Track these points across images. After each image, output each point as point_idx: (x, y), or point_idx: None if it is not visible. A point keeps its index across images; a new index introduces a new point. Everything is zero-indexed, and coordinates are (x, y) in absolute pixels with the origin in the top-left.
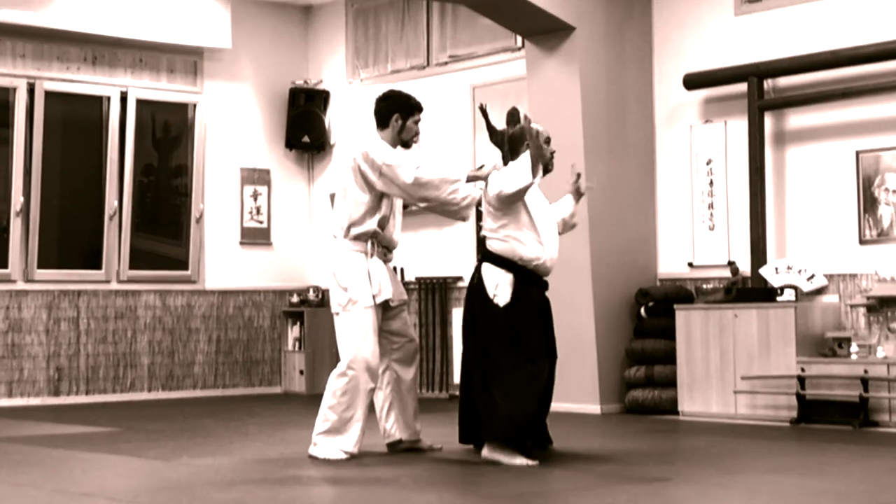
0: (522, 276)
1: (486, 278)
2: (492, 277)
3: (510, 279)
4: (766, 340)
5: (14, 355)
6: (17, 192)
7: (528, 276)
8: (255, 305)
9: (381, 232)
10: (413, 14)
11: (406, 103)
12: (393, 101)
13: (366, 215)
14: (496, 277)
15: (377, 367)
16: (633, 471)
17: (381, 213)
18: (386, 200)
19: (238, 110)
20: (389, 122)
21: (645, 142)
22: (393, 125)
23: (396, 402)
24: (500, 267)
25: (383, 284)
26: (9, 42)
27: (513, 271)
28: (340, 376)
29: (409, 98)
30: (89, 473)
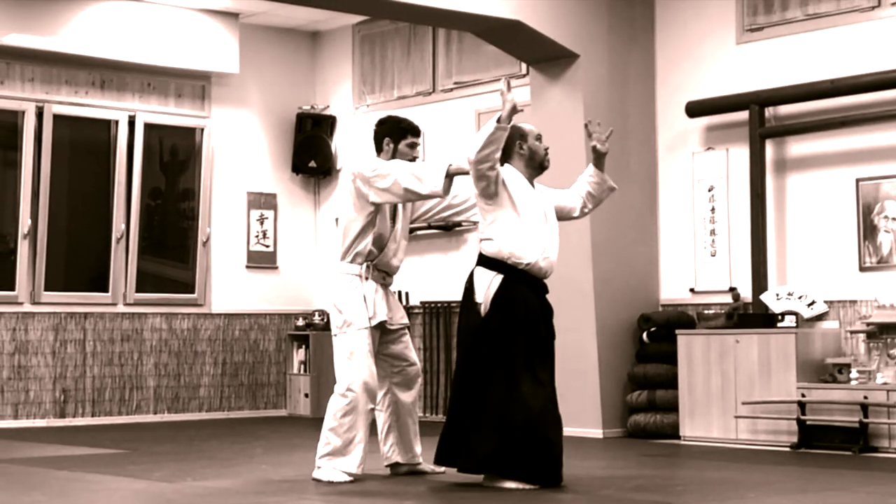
0: (514, 277)
1: (476, 282)
2: (482, 280)
3: (500, 280)
4: (766, 366)
5: (20, 377)
6: (25, 215)
7: (520, 277)
8: (260, 329)
9: (378, 254)
10: (419, 41)
11: (397, 127)
12: (385, 126)
13: (360, 236)
14: (485, 280)
15: (375, 387)
16: (634, 495)
17: (375, 232)
18: (382, 222)
19: (245, 135)
20: (382, 147)
21: (648, 168)
22: (385, 149)
23: (395, 425)
24: (491, 269)
25: (378, 306)
26: (18, 66)
27: (504, 272)
28: (340, 398)
29: (401, 121)
30: (95, 495)
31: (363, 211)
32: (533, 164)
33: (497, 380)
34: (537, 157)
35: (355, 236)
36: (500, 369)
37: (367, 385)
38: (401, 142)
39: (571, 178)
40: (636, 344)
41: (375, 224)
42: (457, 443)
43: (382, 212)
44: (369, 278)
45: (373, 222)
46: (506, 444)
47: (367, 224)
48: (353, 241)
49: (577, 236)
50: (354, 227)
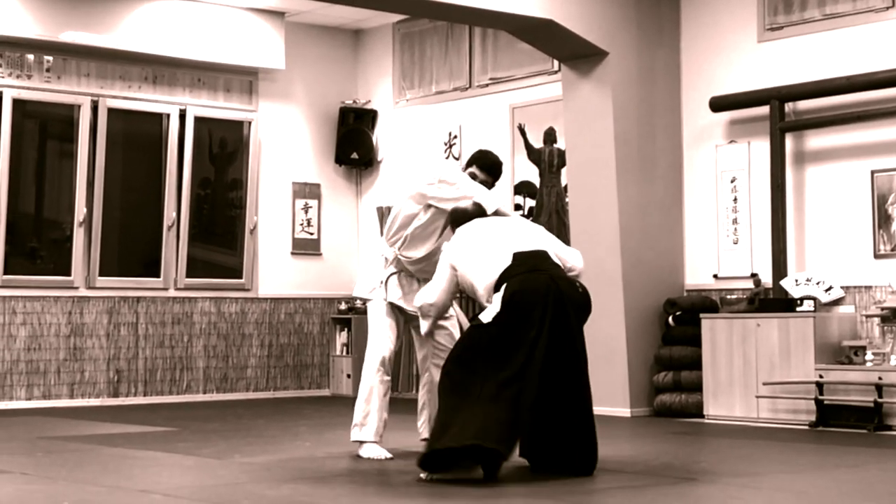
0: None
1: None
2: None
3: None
4: (786, 348)
5: (76, 358)
6: (81, 204)
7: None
8: (305, 312)
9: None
10: (456, 38)
11: (484, 161)
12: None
13: (402, 225)
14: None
15: (390, 359)
16: (660, 471)
17: (414, 230)
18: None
19: (291, 128)
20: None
21: (673, 160)
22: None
23: (429, 404)
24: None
25: (391, 288)
26: (74, 62)
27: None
28: (364, 369)
29: (486, 159)
30: (146, 471)
31: (418, 205)
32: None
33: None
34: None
35: (400, 224)
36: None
37: (382, 357)
38: (471, 167)
39: (600, 170)
40: (662, 327)
41: (417, 217)
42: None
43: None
44: (392, 264)
45: (417, 216)
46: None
47: (412, 215)
48: (398, 228)
49: (607, 225)
50: (402, 216)
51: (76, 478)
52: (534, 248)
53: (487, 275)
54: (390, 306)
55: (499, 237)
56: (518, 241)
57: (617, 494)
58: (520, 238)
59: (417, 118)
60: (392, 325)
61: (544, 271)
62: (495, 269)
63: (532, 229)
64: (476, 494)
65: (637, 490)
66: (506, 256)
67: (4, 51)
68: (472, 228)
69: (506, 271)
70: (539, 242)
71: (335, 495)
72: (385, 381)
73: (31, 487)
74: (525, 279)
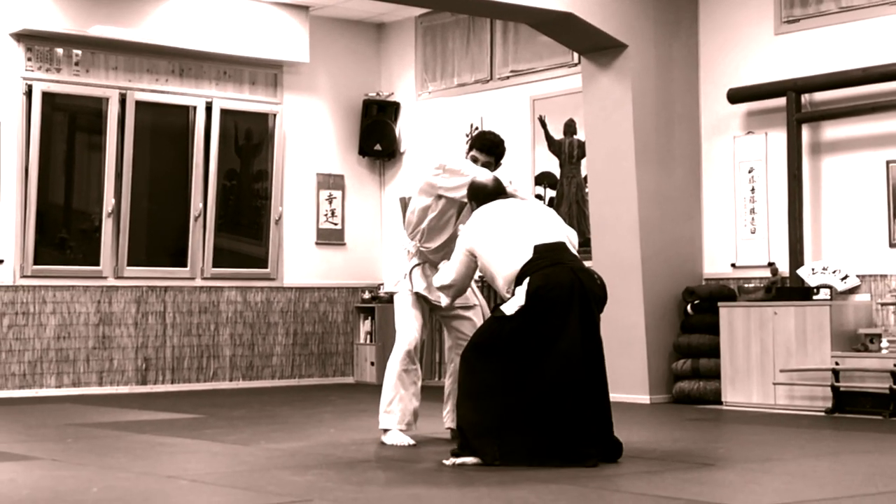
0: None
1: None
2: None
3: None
4: (803, 336)
5: (105, 346)
6: (109, 195)
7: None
8: (329, 301)
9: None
10: (477, 31)
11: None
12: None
13: (419, 219)
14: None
15: (416, 348)
16: (679, 456)
17: (429, 222)
18: (435, 212)
19: (315, 120)
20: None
21: (691, 151)
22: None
23: (454, 394)
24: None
25: (415, 279)
26: (102, 55)
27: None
28: (390, 359)
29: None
30: (174, 457)
31: (429, 197)
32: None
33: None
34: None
35: (417, 218)
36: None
37: (407, 347)
38: (471, 151)
39: (619, 161)
40: (681, 315)
41: (430, 209)
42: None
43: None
44: (414, 256)
45: (430, 208)
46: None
47: (425, 207)
48: (415, 222)
49: (626, 215)
50: (417, 210)
51: (105, 464)
52: (553, 238)
53: (508, 266)
54: (416, 296)
55: (517, 226)
56: (537, 232)
57: (636, 479)
58: (538, 227)
59: (439, 110)
60: (417, 314)
61: (565, 264)
62: (516, 262)
63: (545, 214)
64: (499, 480)
65: (656, 475)
66: (527, 248)
67: (34, 45)
68: (489, 214)
69: (528, 264)
70: (555, 230)
71: (360, 481)
72: (412, 369)
73: (61, 473)
74: (549, 274)
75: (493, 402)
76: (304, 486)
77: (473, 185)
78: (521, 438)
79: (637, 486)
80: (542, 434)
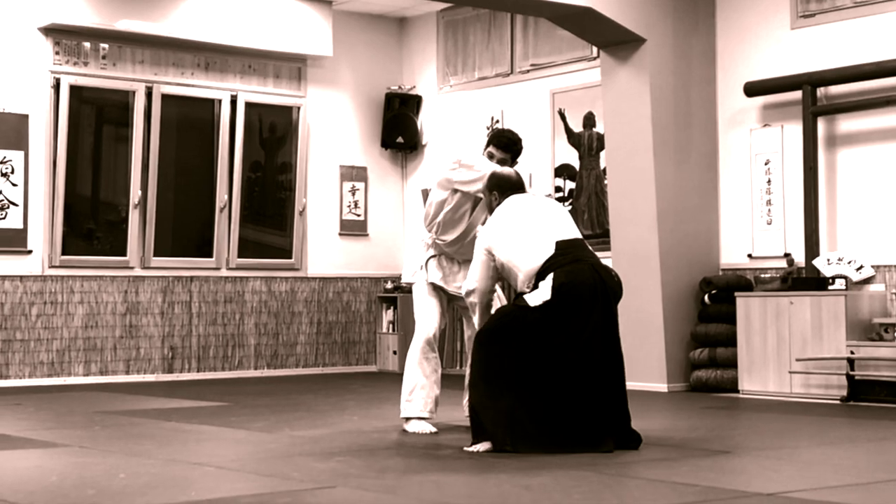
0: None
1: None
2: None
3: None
4: (818, 325)
5: (132, 335)
6: (136, 187)
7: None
8: (352, 291)
9: (441, 228)
10: (498, 26)
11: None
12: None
13: (436, 212)
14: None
15: (435, 336)
16: (696, 444)
17: (444, 216)
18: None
19: (338, 113)
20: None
21: (709, 144)
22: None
23: None
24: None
25: (431, 270)
26: (129, 49)
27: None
28: (410, 348)
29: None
30: (200, 444)
31: (445, 191)
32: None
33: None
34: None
35: (434, 212)
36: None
37: (426, 336)
38: (488, 147)
39: (637, 153)
40: (698, 305)
41: (446, 202)
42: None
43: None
44: (431, 248)
45: (446, 201)
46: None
47: (441, 201)
48: (432, 216)
49: (645, 207)
50: (434, 203)
51: (132, 450)
52: (572, 234)
53: (530, 261)
54: (432, 286)
55: (538, 221)
56: (557, 228)
57: (654, 466)
58: (558, 223)
59: (460, 103)
60: (435, 304)
61: (586, 261)
62: (538, 257)
63: (559, 210)
64: (518, 466)
65: (674, 462)
66: (548, 244)
67: (62, 39)
68: (508, 211)
69: (550, 260)
70: (573, 226)
71: (382, 468)
72: (431, 357)
73: (89, 460)
74: (572, 270)
75: (507, 386)
76: (327, 472)
77: (496, 175)
78: (535, 426)
79: (655, 473)
80: (556, 421)
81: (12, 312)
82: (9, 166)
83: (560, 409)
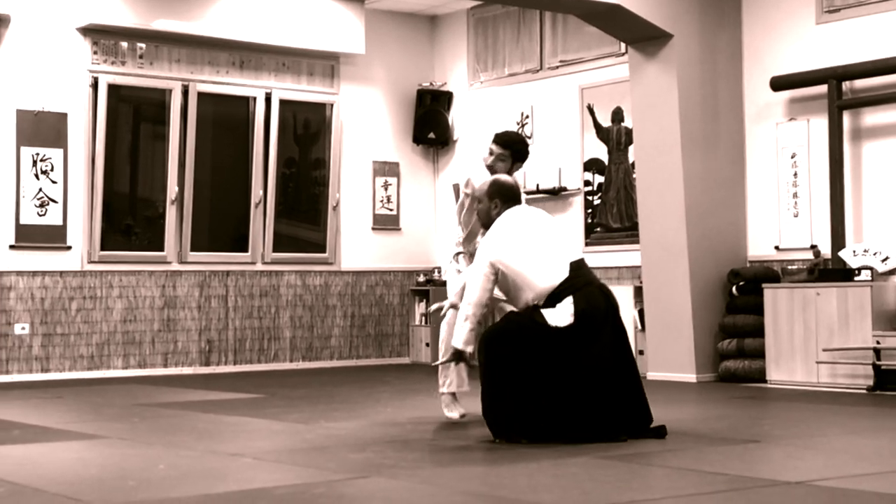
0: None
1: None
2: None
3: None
4: (845, 316)
5: (169, 329)
6: (172, 183)
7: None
8: (385, 284)
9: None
10: (527, 23)
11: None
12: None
13: (457, 215)
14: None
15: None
16: (725, 433)
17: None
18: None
19: (371, 109)
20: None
21: (736, 137)
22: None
23: None
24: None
25: (460, 262)
26: (166, 48)
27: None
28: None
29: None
30: (237, 435)
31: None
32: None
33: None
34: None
35: (456, 212)
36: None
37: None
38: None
39: (665, 147)
40: (726, 297)
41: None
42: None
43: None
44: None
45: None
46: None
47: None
48: (456, 215)
49: (673, 200)
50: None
51: (170, 442)
52: (577, 254)
53: (545, 281)
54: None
55: (548, 240)
56: (565, 247)
57: (683, 455)
58: (565, 242)
59: (491, 99)
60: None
61: (594, 283)
62: (554, 278)
63: (560, 226)
64: (549, 456)
65: (702, 451)
66: (562, 265)
67: (100, 39)
68: (515, 225)
69: (566, 282)
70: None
71: (416, 458)
72: None
73: (129, 452)
74: (588, 295)
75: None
76: (362, 463)
77: (499, 183)
78: (548, 420)
79: (684, 462)
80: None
81: (53, 307)
82: (49, 164)
83: (573, 404)
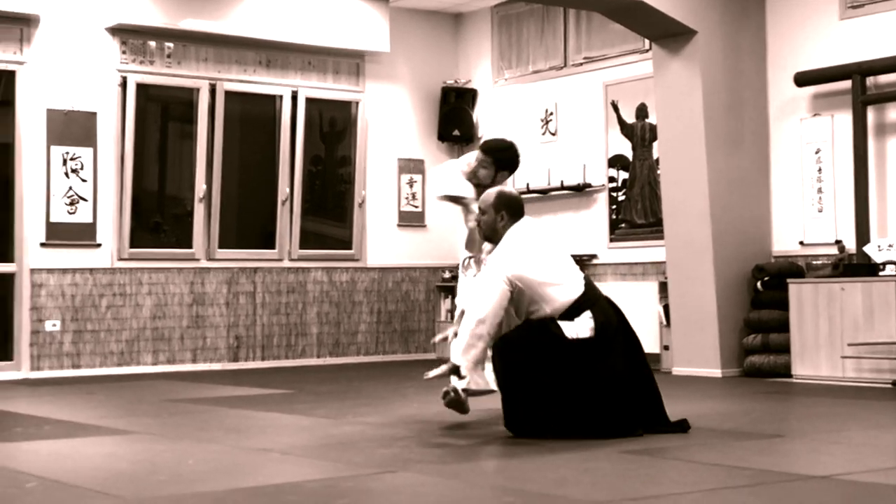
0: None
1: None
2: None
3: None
4: (869, 311)
5: (198, 325)
6: (200, 181)
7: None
8: (411, 280)
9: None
10: (551, 20)
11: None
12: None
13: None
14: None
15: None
16: (749, 428)
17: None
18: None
19: (396, 107)
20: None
21: (760, 133)
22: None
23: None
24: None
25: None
26: (193, 48)
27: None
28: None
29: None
30: (265, 431)
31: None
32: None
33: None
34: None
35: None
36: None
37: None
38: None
39: (690, 143)
40: (751, 292)
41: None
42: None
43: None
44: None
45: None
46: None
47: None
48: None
49: (697, 196)
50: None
51: (200, 437)
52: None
53: (563, 296)
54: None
55: (562, 254)
56: (572, 261)
57: (709, 450)
58: (569, 256)
59: (515, 96)
60: None
61: (603, 297)
62: (571, 293)
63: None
64: (576, 449)
65: (728, 446)
66: (578, 280)
67: (128, 38)
68: (531, 239)
69: (582, 297)
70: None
71: (443, 453)
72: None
73: (159, 447)
74: (604, 309)
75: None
76: (389, 457)
77: (506, 196)
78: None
79: (709, 457)
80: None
81: (83, 304)
82: (78, 163)
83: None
